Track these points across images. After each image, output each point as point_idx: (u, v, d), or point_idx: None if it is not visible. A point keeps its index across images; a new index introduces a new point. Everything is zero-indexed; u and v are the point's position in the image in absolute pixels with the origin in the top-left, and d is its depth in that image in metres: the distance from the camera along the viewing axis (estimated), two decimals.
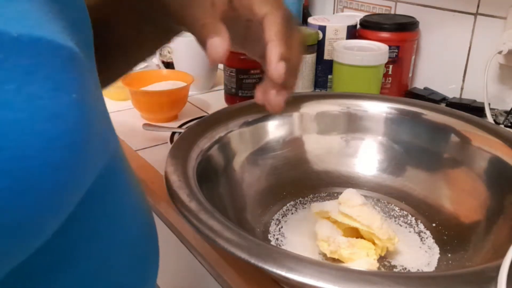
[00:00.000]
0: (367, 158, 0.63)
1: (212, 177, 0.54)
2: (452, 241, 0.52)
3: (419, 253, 0.51)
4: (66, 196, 0.20)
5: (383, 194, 0.61)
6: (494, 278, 0.34)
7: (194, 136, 0.55)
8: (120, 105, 0.90)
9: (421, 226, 0.55)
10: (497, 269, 0.35)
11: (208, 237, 0.38)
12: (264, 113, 0.61)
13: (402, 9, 0.96)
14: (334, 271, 0.35)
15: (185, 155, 0.51)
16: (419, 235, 0.54)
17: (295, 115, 0.64)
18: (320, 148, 0.64)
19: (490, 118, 0.76)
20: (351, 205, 0.50)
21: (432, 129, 0.61)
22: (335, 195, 0.60)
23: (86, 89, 0.21)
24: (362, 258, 0.48)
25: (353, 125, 0.64)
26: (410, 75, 0.92)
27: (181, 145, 0.53)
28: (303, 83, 0.89)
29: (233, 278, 0.49)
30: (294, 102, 0.66)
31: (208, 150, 0.55)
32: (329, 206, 0.52)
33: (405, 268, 0.49)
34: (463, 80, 0.88)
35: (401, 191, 0.60)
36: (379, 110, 0.64)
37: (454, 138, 0.59)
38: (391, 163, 0.62)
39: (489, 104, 0.78)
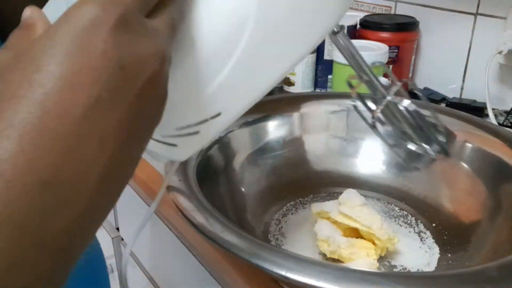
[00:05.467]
0: (367, 158, 0.63)
1: (212, 177, 0.54)
2: (452, 241, 0.52)
3: (419, 253, 0.51)
4: None
5: (383, 194, 0.61)
6: (494, 278, 0.34)
7: None
8: None
9: (421, 226, 0.55)
10: (497, 269, 0.36)
11: (208, 237, 0.39)
12: (264, 113, 0.61)
13: (402, 9, 0.96)
14: (334, 271, 0.35)
15: None
16: (419, 235, 0.54)
17: (295, 115, 0.64)
18: (320, 148, 0.64)
19: (492, 118, 0.76)
20: (351, 205, 0.50)
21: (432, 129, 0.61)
22: (335, 195, 0.60)
23: None
24: (362, 258, 0.48)
25: (353, 125, 0.64)
26: (410, 75, 0.92)
27: None
28: (303, 83, 0.89)
29: (233, 278, 0.49)
30: (294, 102, 0.66)
31: (208, 150, 0.55)
32: (329, 206, 0.52)
33: (405, 268, 0.49)
34: (463, 80, 0.88)
35: (401, 191, 0.60)
36: None
37: (454, 138, 0.59)
38: (391, 163, 0.62)
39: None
